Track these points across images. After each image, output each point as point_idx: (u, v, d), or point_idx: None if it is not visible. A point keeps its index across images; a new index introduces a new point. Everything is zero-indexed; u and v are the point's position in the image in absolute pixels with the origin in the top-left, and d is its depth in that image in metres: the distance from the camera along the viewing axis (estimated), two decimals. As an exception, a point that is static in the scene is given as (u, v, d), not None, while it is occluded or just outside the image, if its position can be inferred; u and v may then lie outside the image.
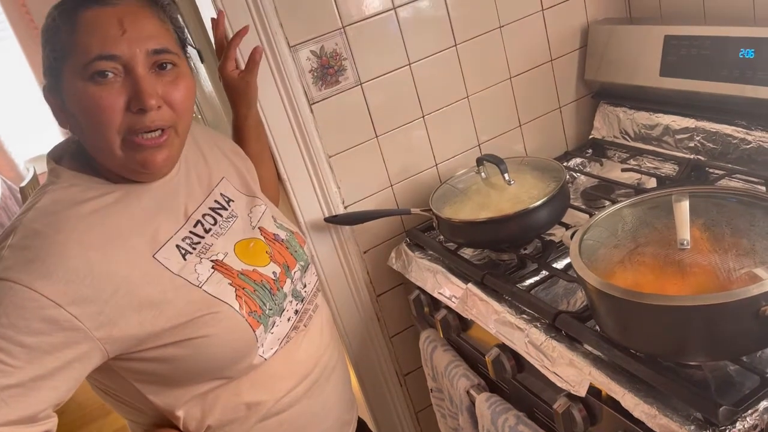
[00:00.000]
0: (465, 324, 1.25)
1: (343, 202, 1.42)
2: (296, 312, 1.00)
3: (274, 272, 0.97)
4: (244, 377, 0.93)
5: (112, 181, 0.88)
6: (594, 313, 0.94)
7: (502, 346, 1.10)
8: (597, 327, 0.96)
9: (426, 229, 1.43)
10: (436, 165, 1.50)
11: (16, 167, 4.20)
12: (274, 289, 0.95)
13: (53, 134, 4.19)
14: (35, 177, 3.35)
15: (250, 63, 1.12)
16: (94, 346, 0.79)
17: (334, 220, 1.37)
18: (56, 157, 0.91)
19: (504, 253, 1.29)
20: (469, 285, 1.19)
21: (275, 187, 1.30)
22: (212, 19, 1.20)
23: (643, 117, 1.48)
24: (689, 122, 1.37)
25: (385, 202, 1.47)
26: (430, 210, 1.31)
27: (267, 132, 1.28)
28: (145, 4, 0.85)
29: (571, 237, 1.00)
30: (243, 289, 0.91)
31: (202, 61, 1.61)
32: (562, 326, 0.99)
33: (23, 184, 3.22)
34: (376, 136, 1.42)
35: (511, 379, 1.11)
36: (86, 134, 0.85)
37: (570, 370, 0.94)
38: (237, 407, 0.93)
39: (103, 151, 0.85)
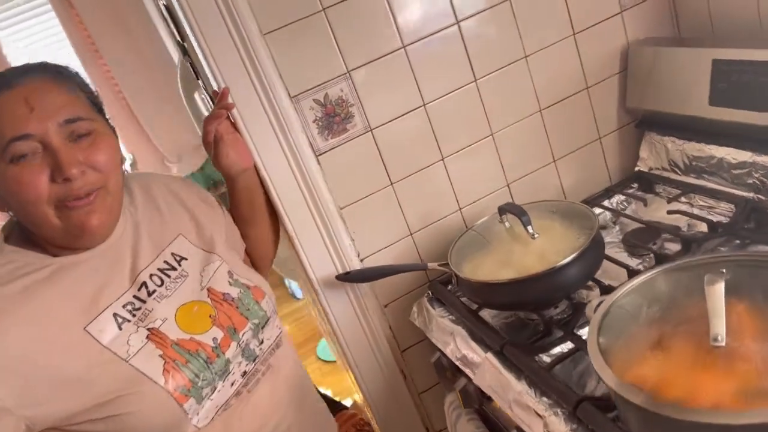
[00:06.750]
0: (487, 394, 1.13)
1: (359, 255, 1.33)
2: (244, 374, 0.98)
3: (214, 338, 0.94)
4: None
5: (53, 254, 0.89)
6: (618, 410, 0.81)
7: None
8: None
9: (448, 281, 1.31)
10: (460, 209, 1.38)
11: None
12: (212, 357, 0.93)
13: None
14: None
15: (215, 140, 1.11)
16: (18, 424, 0.79)
17: (346, 278, 1.27)
18: (7, 231, 0.92)
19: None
20: (488, 354, 1.07)
21: (269, 246, 1.26)
22: (213, 92, 1.14)
23: (694, 148, 1.31)
24: (746, 156, 1.19)
25: (405, 252, 1.36)
26: (448, 265, 1.20)
27: (270, 188, 1.20)
28: (48, 79, 0.87)
29: (594, 311, 0.88)
30: (174, 361, 0.89)
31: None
32: (583, 417, 0.86)
33: None
34: (391, 184, 1.31)
35: (537, 465, 0.99)
36: (21, 213, 0.87)
37: (592, 475, 0.81)
38: None
39: (42, 225, 0.86)
